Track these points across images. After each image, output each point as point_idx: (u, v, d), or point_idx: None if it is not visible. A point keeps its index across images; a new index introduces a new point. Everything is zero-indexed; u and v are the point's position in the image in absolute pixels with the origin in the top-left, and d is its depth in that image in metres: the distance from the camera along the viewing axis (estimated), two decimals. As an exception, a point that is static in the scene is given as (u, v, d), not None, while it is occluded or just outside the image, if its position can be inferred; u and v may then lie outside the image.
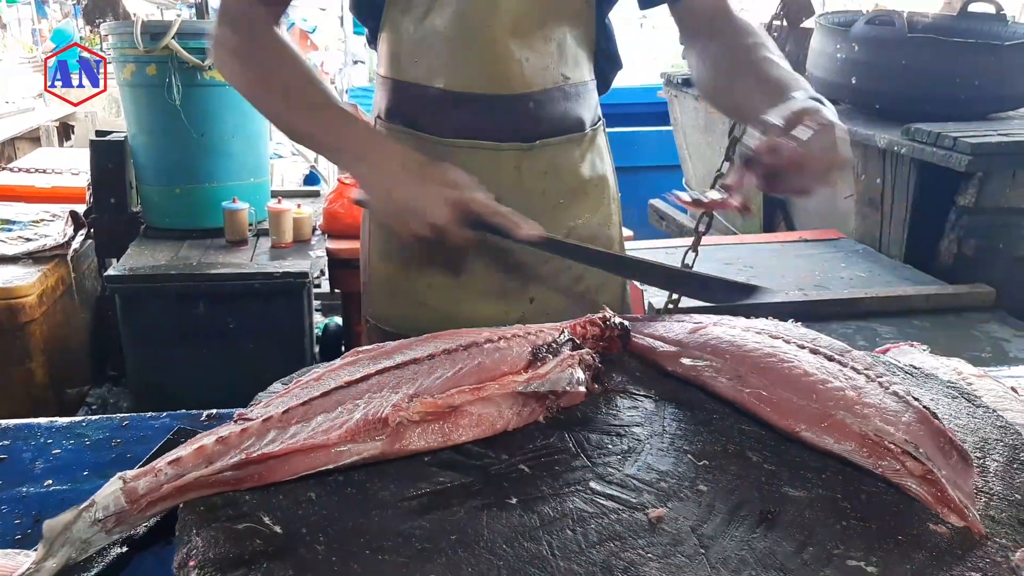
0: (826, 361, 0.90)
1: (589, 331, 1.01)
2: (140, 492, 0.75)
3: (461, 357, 0.89)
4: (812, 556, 0.69)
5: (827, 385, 0.85)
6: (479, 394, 0.84)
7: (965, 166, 2.61)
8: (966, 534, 0.74)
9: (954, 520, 0.74)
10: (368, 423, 0.79)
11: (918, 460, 0.75)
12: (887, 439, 0.77)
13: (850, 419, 0.80)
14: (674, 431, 0.88)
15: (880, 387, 0.85)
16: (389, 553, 0.68)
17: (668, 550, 0.69)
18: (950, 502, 0.73)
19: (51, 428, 1.12)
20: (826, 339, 0.98)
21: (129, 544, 0.85)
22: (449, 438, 0.83)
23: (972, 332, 2.38)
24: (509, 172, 1.42)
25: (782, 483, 0.79)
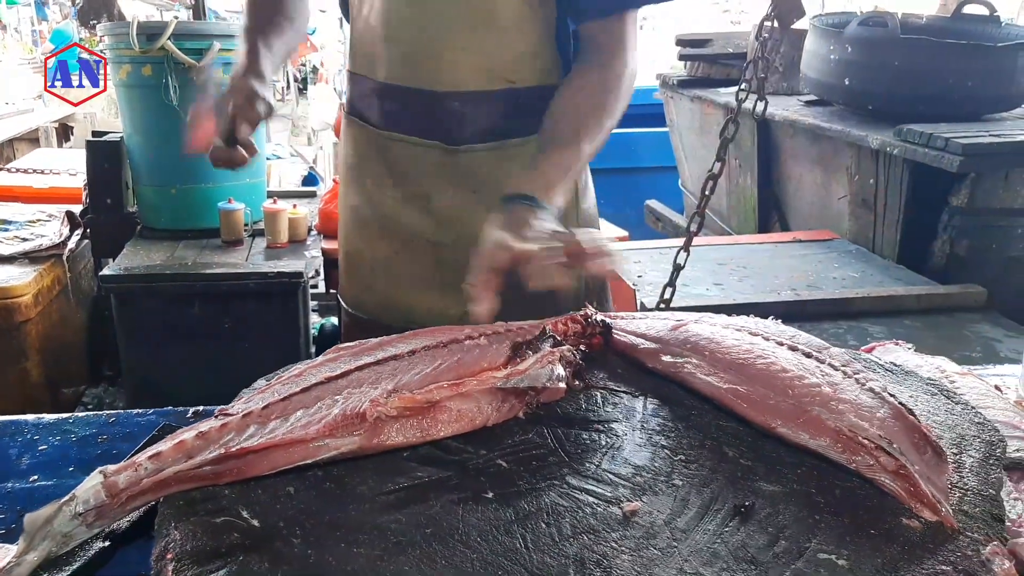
0: (803, 358, 0.91)
1: (571, 328, 1.02)
2: (120, 486, 0.76)
3: (441, 354, 0.89)
4: (784, 549, 0.70)
5: (803, 381, 0.85)
6: (457, 389, 0.84)
7: (957, 167, 2.62)
8: (938, 529, 0.74)
9: (927, 515, 0.75)
10: (346, 418, 0.80)
11: (891, 455, 0.76)
12: (861, 434, 0.78)
13: (825, 415, 0.81)
14: (652, 427, 0.89)
15: (856, 383, 0.86)
16: (364, 546, 0.69)
17: (641, 543, 0.70)
18: (923, 496, 0.74)
19: (38, 424, 1.13)
20: (805, 336, 0.99)
21: (111, 539, 0.86)
22: (428, 433, 0.84)
23: (963, 332, 2.39)
24: (434, 170, 1.41)
25: (757, 478, 0.80)
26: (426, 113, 1.37)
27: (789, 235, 3.41)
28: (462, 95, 1.37)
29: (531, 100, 1.38)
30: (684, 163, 4.82)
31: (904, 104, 3.09)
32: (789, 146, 3.67)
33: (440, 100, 1.37)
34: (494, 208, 1.40)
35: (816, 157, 3.50)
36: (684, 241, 2.32)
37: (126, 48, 3.31)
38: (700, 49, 4.45)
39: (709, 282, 2.77)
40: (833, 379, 0.86)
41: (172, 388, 3.13)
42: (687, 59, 4.50)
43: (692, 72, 4.51)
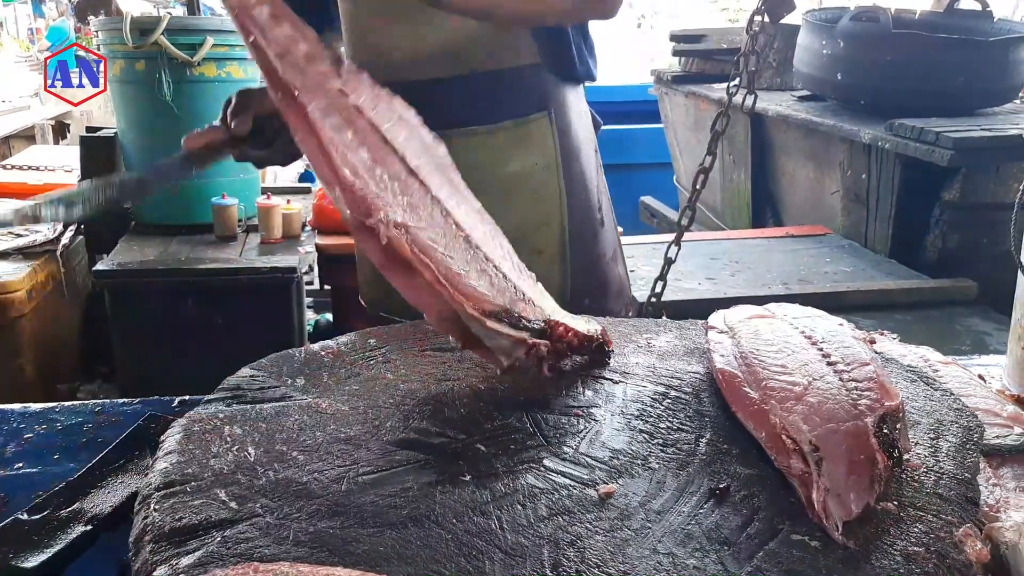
0: (806, 349, 0.91)
1: (568, 338, 0.98)
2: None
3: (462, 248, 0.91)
4: (757, 531, 0.71)
5: (781, 376, 0.86)
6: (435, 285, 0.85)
7: (947, 161, 2.63)
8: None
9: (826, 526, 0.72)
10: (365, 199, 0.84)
11: (803, 461, 0.75)
12: (792, 434, 0.77)
13: (776, 410, 0.81)
14: (631, 411, 0.89)
15: (843, 389, 0.84)
16: (340, 527, 0.69)
17: (615, 524, 0.71)
18: (811, 505, 0.73)
19: (24, 413, 1.14)
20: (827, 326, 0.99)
21: (93, 523, 0.86)
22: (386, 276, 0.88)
23: (954, 326, 2.40)
24: None
25: (733, 461, 0.81)
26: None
27: (782, 230, 3.42)
28: (428, 83, 1.34)
29: (499, 84, 1.37)
30: (679, 159, 4.83)
31: (896, 99, 3.10)
32: (782, 141, 3.68)
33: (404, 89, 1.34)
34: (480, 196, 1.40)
35: (809, 152, 3.51)
36: (675, 235, 2.32)
37: (119, 44, 3.31)
38: (694, 45, 4.46)
39: (701, 276, 2.78)
40: (818, 379, 0.85)
41: (166, 383, 3.11)
42: (681, 55, 4.50)
43: (686, 68, 4.52)
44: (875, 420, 0.79)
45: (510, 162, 1.40)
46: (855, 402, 0.81)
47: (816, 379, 0.85)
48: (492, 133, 1.38)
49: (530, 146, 1.41)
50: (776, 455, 0.79)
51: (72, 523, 0.86)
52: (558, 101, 1.43)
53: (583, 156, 1.49)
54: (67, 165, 4.74)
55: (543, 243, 1.43)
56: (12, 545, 0.82)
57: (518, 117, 1.39)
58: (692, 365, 1.02)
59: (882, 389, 0.83)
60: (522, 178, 1.41)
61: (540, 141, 1.41)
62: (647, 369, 1.00)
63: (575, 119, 1.47)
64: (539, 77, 1.40)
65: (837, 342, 0.93)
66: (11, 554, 0.81)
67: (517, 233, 1.37)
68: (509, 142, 1.40)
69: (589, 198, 1.50)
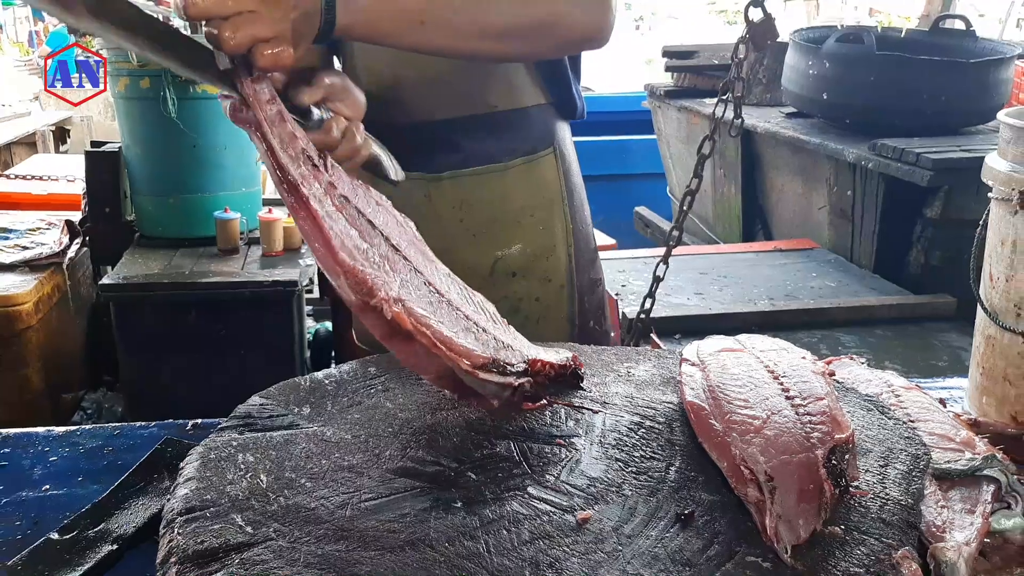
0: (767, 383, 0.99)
1: (546, 371, 1.06)
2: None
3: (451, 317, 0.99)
4: (716, 553, 0.79)
5: (743, 409, 0.94)
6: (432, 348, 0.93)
7: (927, 181, 2.72)
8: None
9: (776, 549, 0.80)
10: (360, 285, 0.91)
11: (759, 490, 0.84)
12: (750, 464, 0.86)
13: (736, 442, 0.89)
14: (608, 441, 0.98)
15: (798, 423, 0.92)
16: (347, 550, 0.78)
17: (590, 547, 0.79)
18: (764, 530, 0.81)
19: (48, 437, 1.22)
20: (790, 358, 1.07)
21: (118, 542, 0.95)
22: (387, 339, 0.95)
23: (931, 341, 2.49)
24: (419, 201, 1.40)
25: (699, 488, 0.89)
26: (407, 145, 1.35)
27: (771, 244, 3.51)
28: (444, 123, 1.39)
29: (512, 124, 1.42)
30: (672, 171, 4.92)
31: (880, 118, 3.19)
32: (771, 157, 3.77)
33: (420, 129, 1.39)
34: (482, 234, 1.43)
35: (797, 168, 3.59)
36: (663, 254, 2.41)
37: (124, 61, 3.40)
38: (686, 61, 4.55)
39: (690, 291, 2.87)
40: (776, 412, 0.93)
41: (169, 394, 3.22)
42: (673, 70, 4.59)
43: (679, 83, 4.60)
44: (825, 452, 0.87)
45: (520, 197, 1.45)
46: (808, 435, 0.90)
47: (774, 413, 0.93)
48: (506, 171, 1.43)
49: (539, 181, 1.47)
50: (735, 483, 0.87)
51: (99, 543, 0.94)
52: (560, 137, 1.50)
53: (580, 187, 1.56)
54: (70, 175, 4.82)
55: (551, 272, 1.49)
56: (46, 564, 0.90)
57: (529, 155, 1.44)
58: (667, 395, 1.11)
59: (834, 422, 0.92)
60: (531, 211, 1.46)
61: (548, 176, 1.48)
62: (625, 399, 1.09)
63: (571, 152, 1.54)
64: (546, 116, 1.46)
65: (797, 376, 1.02)
66: (45, 572, 0.89)
67: (528, 263, 1.46)
68: (520, 178, 1.45)
69: (588, 227, 1.58)
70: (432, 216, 1.40)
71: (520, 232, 1.46)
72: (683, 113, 4.45)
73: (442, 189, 1.42)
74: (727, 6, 19.03)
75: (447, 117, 1.39)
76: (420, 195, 1.41)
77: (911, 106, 3.16)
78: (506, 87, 1.40)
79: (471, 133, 1.41)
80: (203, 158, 3.52)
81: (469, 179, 1.42)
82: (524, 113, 1.43)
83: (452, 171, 1.42)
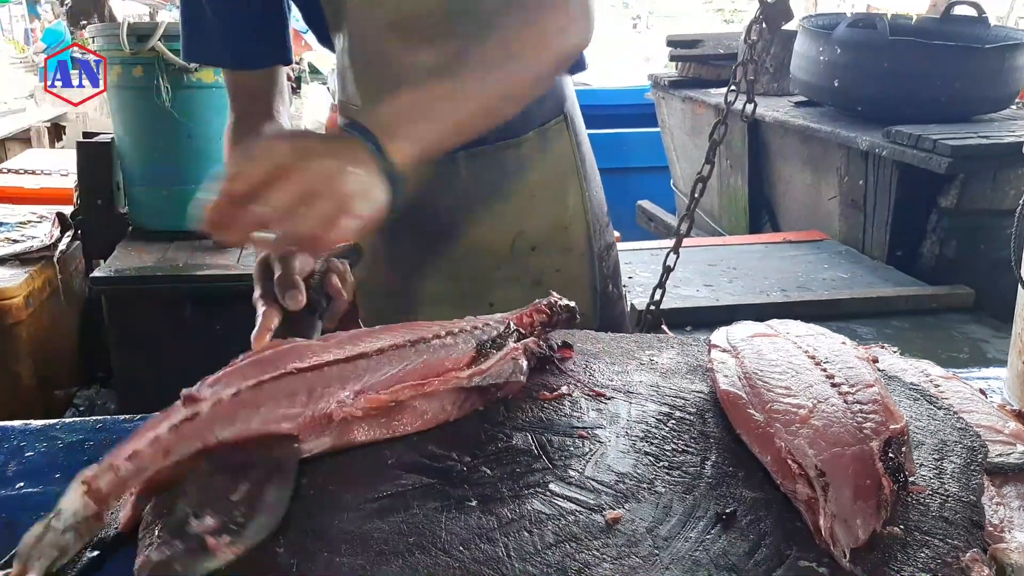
0: (810, 369, 0.91)
1: (536, 319, 1.02)
2: (104, 491, 0.76)
3: (407, 354, 0.91)
4: (764, 557, 0.71)
5: (785, 399, 0.86)
6: (422, 390, 0.87)
7: (945, 168, 2.64)
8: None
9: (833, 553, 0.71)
10: (315, 420, 0.82)
11: (809, 486, 0.75)
12: (798, 458, 0.77)
13: (781, 433, 0.81)
14: (636, 433, 0.89)
15: (847, 412, 0.84)
16: (347, 555, 0.69)
17: (623, 551, 0.70)
18: (819, 531, 0.72)
19: (25, 431, 1.13)
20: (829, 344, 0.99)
21: (99, 547, 0.86)
22: (394, 430, 0.86)
23: (951, 333, 2.41)
24: (436, 184, 1.38)
25: (739, 484, 0.81)
26: None
27: (779, 236, 3.43)
28: None
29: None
30: (676, 163, 4.84)
31: (893, 105, 3.11)
32: (779, 147, 3.69)
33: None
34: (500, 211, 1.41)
35: (806, 158, 3.51)
36: (674, 243, 2.32)
37: (116, 49, 3.31)
38: (691, 50, 4.47)
39: (699, 283, 2.79)
40: (823, 401, 0.85)
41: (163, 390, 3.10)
42: (678, 60, 4.51)
43: (683, 73, 4.52)
44: (880, 443, 0.79)
45: (535, 169, 1.43)
46: (860, 425, 0.81)
47: (821, 401, 0.85)
48: (519, 145, 1.41)
49: (552, 152, 1.45)
50: (782, 479, 0.79)
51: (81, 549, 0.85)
52: (570, 102, 1.48)
53: (590, 152, 1.54)
54: (63, 169, 4.73)
55: (571, 241, 1.48)
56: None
57: (541, 126, 1.42)
58: (695, 384, 1.02)
59: (887, 411, 0.83)
60: (547, 183, 1.45)
61: (561, 145, 1.46)
62: (651, 388, 1.00)
63: (578, 116, 1.52)
64: (556, 83, 1.43)
65: (841, 362, 0.93)
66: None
67: (547, 236, 1.45)
68: (534, 151, 1.43)
69: (600, 192, 1.56)
70: (449, 198, 1.40)
71: (538, 205, 1.45)
72: (687, 103, 4.37)
73: (458, 169, 1.40)
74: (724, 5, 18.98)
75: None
76: (437, 178, 1.38)
77: (924, 93, 3.08)
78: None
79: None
80: (198, 149, 3.42)
81: (485, 157, 1.40)
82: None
83: (467, 150, 1.38)
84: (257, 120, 1.38)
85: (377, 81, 1.37)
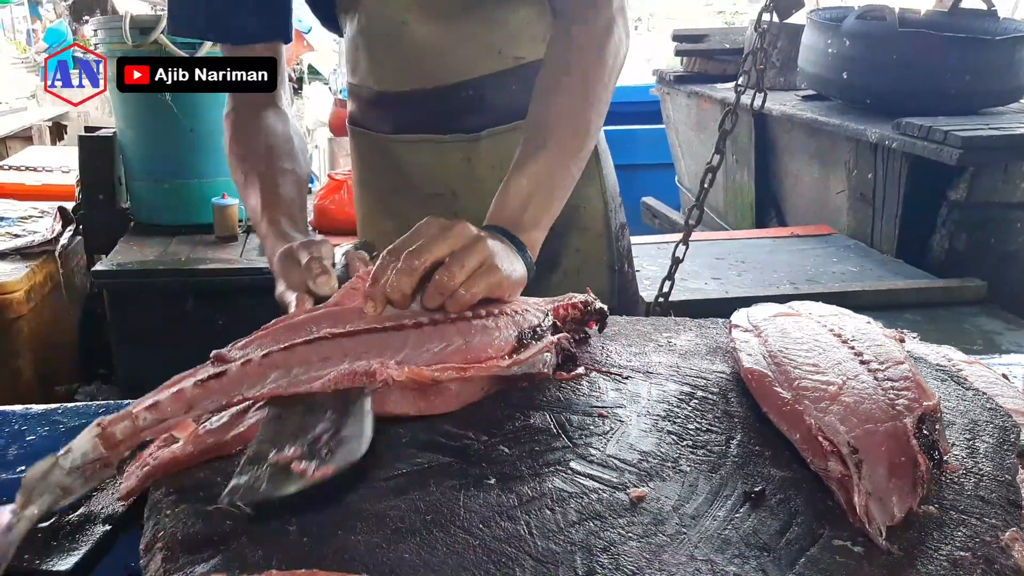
0: (837, 347, 0.88)
1: (570, 314, 1.00)
2: (118, 438, 0.75)
3: (449, 332, 0.87)
4: (797, 536, 0.68)
5: (813, 376, 0.83)
6: (464, 375, 0.83)
7: (956, 159, 2.61)
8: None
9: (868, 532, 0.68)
10: (355, 375, 0.78)
11: (842, 464, 0.72)
12: (829, 435, 0.74)
13: (810, 410, 0.78)
14: (657, 412, 0.86)
15: (878, 388, 0.80)
16: (363, 533, 0.66)
17: (649, 529, 0.68)
18: (853, 509, 0.69)
19: (26, 415, 1.10)
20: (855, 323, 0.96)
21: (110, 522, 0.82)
22: (423, 408, 0.83)
23: (963, 326, 2.38)
24: (458, 164, 1.37)
25: (766, 463, 0.78)
26: (440, 110, 1.34)
27: (787, 230, 3.40)
28: (475, 81, 1.34)
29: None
30: (681, 159, 4.81)
31: (902, 98, 3.08)
32: (786, 141, 3.66)
33: (453, 92, 1.34)
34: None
35: (814, 152, 3.48)
36: (683, 235, 2.30)
37: (119, 43, 3.28)
38: (696, 44, 4.44)
39: (707, 276, 2.76)
40: (852, 378, 0.82)
41: (165, 385, 3.09)
42: (683, 54, 4.48)
43: (688, 68, 4.49)
44: (914, 420, 0.76)
45: None
46: (892, 402, 0.78)
47: (850, 378, 0.82)
48: None
49: None
50: (812, 457, 0.76)
51: (87, 525, 0.82)
52: None
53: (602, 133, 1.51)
54: (65, 166, 4.70)
55: (589, 222, 1.48)
56: (31, 552, 0.78)
57: None
58: (716, 364, 0.99)
59: (919, 388, 0.80)
60: None
61: None
62: (670, 368, 0.97)
63: None
64: None
65: (868, 340, 0.90)
66: (36, 560, 0.77)
67: (566, 215, 1.39)
68: None
69: (613, 172, 1.56)
70: (472, 179, 1.38)
71: None
72: (693, 99, 4.34)
73: (480, 149, 1.38)
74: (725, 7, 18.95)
75: (480, 74, 1.35)
76: (460, 158, 1.38)
77: (934, 85, 3.05)
78: (529, 38, 1.35)
79: (504, 88, 1.36)
80: (200, 143, 3.40)
81: (506, 136, 1.37)
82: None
83: (490, 129, 1.37)
84: (259, 107, 1.35)
85: (394, 61, 1.34)
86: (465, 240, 0.90)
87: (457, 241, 0.90)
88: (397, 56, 1.33)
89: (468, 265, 0.88)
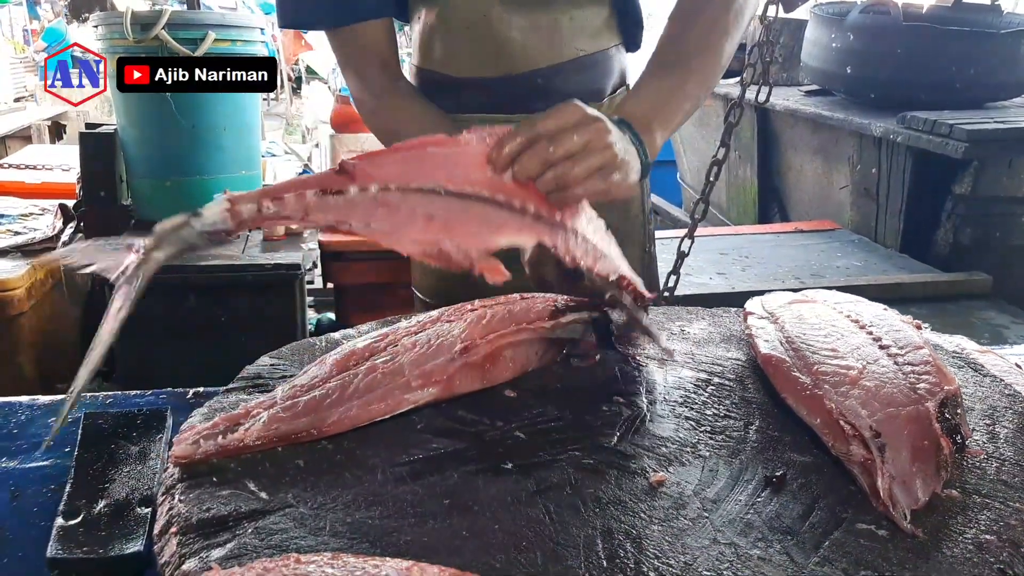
0: (855, 333, 0.87)
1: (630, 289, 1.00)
2: (243, 216, 0.82)
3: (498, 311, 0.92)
4: (820, 520, 0.67)
5: (832, 361, 0.82)
6: (516, 336, 0.88)
7: (962, 153, 2.60)
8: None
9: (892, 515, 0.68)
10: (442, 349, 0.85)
11: (865, 448, 0.71)
12: (850, 419, 0.73)
13: (830, 395, 0.77)
14: (674, 399, 0.85)
15: (899, 372, 0.79)
16: (380, 518, 0.65)
17: (670, 513, 0.67)
18: (876, 493, 0.69)
19: (32, 406, 1.09)
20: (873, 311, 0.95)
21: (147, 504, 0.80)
22: (488, 380, 0.87)
23: (970, 319, 2.37)
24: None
25: (786, 448, 0.77)
26: (510, 95, 1.38)
27: (790, 225, 3.39)
28: (544, 71, 1.39)
29: (598, 66, 1.44)
30: (682, 156, 4.79)
31: (906, 92, 3.06)
32: (789, 136, 3.65)
33: (524, 79, 1.39)
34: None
35: (817, 147, 3.47)
36: (688, 229, 2.28)
37: (120, 39, 3.26)
38: (698, 41, 4.42)
39: (712, 271, 2.75)
40: (872, 362, 0.81)
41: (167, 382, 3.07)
42: (685, 51, 4.46)
43: (690, 64, 4.47)
44: (936, 404, 0.75)
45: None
46: (913, 386, 0.77)
47: (871, 363, 0.81)
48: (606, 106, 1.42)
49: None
50: (833, 442, 0.75)
51: (127, 509, 0.79)
52: (629, 74, 1.51)
53: None
54: (65, 164, 4.67)
55: (630, 202, 1.52)
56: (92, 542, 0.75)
57: (612, 94, 1.46)
58: (731, 352, 0.98)
59: (939, 372, 0.79)
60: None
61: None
62: (685, 356, 0.97)
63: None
64: (619, 55, 1.48)
65: (887, 326, 0.89)
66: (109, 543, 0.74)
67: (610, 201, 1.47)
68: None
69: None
70: None
71: None
72: (695, 95, 4.32)
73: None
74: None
75: (546, 64, 1.39)
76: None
77: (938, 79, 3.04)
78: (591, 32, 1.42)
79: (565, 77, 1.42)
80: (201, 139, 3.37)
81: None
82: (605, 55, 1.45)
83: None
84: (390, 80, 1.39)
85: (472, 50, 1.39)
86: (601, 143, 0.92)
87: (593, 140, 0.91)
88: (476, 46, 1.38)
89: (592, 165, 0.89)
